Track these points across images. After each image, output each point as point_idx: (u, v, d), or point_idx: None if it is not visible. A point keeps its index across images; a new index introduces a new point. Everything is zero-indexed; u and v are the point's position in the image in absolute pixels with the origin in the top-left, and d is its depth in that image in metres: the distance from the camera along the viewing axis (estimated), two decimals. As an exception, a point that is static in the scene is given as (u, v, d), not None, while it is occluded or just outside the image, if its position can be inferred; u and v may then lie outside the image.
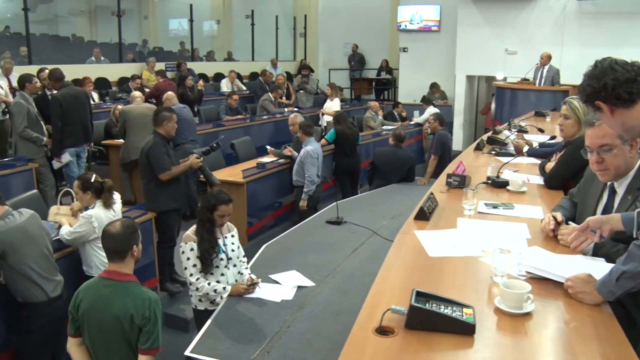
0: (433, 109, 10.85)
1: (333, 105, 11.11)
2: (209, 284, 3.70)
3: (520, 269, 2.18)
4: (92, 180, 4.33)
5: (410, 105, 12.85)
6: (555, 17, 11.93)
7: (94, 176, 4.38)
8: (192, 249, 3.72)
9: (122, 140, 7.46)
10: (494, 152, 4.81)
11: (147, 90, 9.83)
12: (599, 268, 2.05)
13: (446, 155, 7.96)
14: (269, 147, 7.63)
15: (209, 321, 3.35)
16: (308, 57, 17.53)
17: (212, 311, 3.54)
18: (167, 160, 5.22)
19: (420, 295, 1.83)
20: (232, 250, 3.89)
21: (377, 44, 16.36)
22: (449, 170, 3.87)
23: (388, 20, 15.91)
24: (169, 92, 7.82)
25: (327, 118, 10.81)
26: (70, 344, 3.08)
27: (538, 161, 4.17)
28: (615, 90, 1.91)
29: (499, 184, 3.59)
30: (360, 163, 8.27)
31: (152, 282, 5.13)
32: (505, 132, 5.72)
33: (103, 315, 2.95)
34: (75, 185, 4.43)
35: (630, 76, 1.91)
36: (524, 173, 3.92)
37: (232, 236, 3.96)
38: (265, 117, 10.42)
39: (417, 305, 1.77)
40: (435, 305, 1.81)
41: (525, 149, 4.71)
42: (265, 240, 4.99)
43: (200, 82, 10.56)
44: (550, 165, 3.70)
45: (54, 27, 17.67)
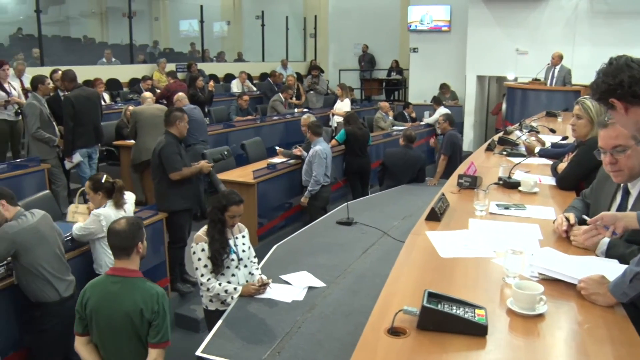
0: (443, 110, 10.83)
1: (343, 106, 11.10)
2: (219, 284, 3.71)
3: (533, 270, 2.16)
4: (103, 181, 4.36)
5: (420, 106, 12.79)
6: (566, 17, 11.86)
7: (105, 176, 4.41)
8: (203, 250, 3.73)
9: (133, 141, 7.48)
10: (505, 153, 4.79)
11: (158, 91, 9.87)
12: (612, 269, 2.03)
13: (456, 156, 7.93)
14: (278, 148, 7.64)
15: (219, 321, 3.37)
16: (318, 57, 17.52)
17: (223, 311, 3.56)
18: (179, 160, 5.24)
19: (432, 296, 1.83)
20: (243, 251, 3.89)
21: (388, 45, 16.34)
22: (460, 170, 3.85)
23: (398, 20, 15.88)
24: (179, 93, 7.87)
25: (338, 119, 10.80)
26: (78, 343, 3.10)
27: (549, 162, 4.15)
28: (632, 88, 1.89)
29: (510, 185, 3.57)
30: (370, 164, 8.26)
31: (163, 283, 5.14)
32: (517, 133, 5.69)
33: (112, 311, 2.98)
34: (86, 185, 4.49)
35: None
36: (535, 174, 3.90)
37: (243, 237, 3.96)
38: (275, 117, 10.42)
39: (429, 306, 1.77)
40: (448, 306, 1.80)
41: (537, 149, 4.69)
42: (275, 240, 5.00)
43: (210, 83, 10.59)
44: (562, 166, 3.68)
45: (65, 28, 17.81)
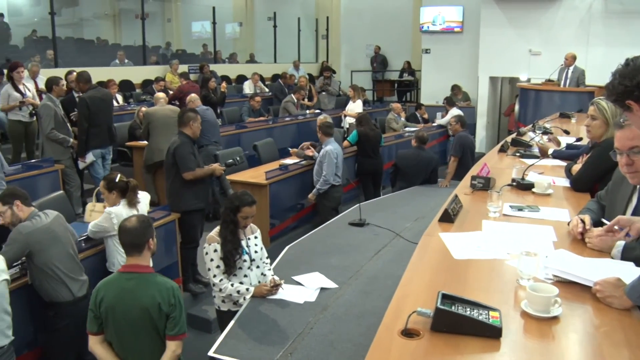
0: (456, 111, 10.78)
1: (355, 107, 11.08)
2: (232, 285, 3.72)
3: (547, 272, 2.15)
4: (117, 180, 4.41)
5: (432, 107, 12.74)
6: (580, 17, 11.76)
7: (119, 176, 4.46)
8: (215, 250, 3.74)
9: (145, 142, 7.53)
10: (518, 154, 4.77)
11: (171, 92, 9.90)
12: (628, 272, 2.01)
13: (467, 157, 7.89)
14: (291, 149, 7.65)
15: (232, 322, 3.37)
16: (330, 58, 17.52)
17: (235, 312, 3.56)
18: (193, 160, 5.26)
19: (446, 298, 1.82)
20: (255, 252, 3.90)
21: (400, 46, 16.29)
22: (473, 172, 3.84)
23: (410, 21, 15.84)
24: (192, 94, 7.89)
25: (350, 120, 10.81)
26: (93, 342, 3.12)
27: (563, 163, 4.11)
28: None
29: (524, 186, 3.55)
30: (382, 165, 8.25)
31: (176, 283, 5.15)
32: (530, 134, 5.65)
33: (130, 307, 3.02)
34: (100, 185, 4.54)
35: None
36: (549, 175, 3.88)
37: (256, 237, 3.97)
38: (287, 118, 10.44)
39: (443, 307, 1.76)
40: (462, 307, 1.79)
41: (551, 151, 4.65)
42: (287, 241, 5.00)
43: (223, 84, 10.61)
44: (576, 167, 3.65)
45: (79, 30, 17.98)
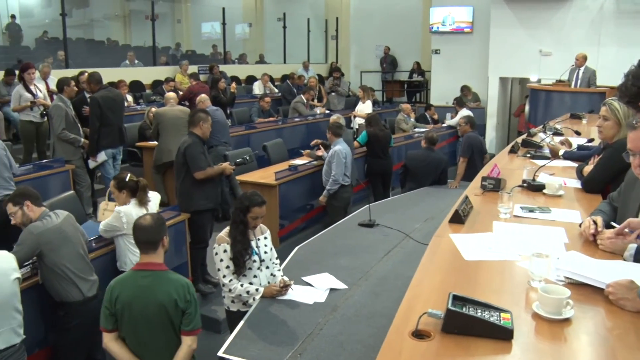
0: (466, 112, 10.73)
1: (365, 108, 11.08)
2: (241, 285, 3.72)
3: (559, 274, 2.13)
4: (127, 180, 4.43)
5: (442, 108, 12.72)
6: (591, 17, 11.67)
7: (129, 175, 4.48)
8: (225, 251, 3.74)
9: (155, 143, 7.55)
10: (529, 155, 4.75)
11: (181, 92, 9.94)
12: (641, 274, 2.00)
13: (476, 158, 7.86)
14: (304, 152, 7.69)
15: (241, 322, 3.37)
16: (340, 59, 17.52)
17: (245, 312, 3.56)
18: (203, 159, 5.28)
19: (457, 299, 1.81)
20: (265, 252, 3.90)
21: (409, 46, 16.26)
22: (484, 173, 3.82)
23: (420, 22, 15.81)
24: (202, 95, 7.91)
25: (359, 120, 10.80)
26: (108, 339, 3.13)
27: (574, 164, 4.09)
28: None
29: (535, 188, 3.54)
30: (392, 165, 8.24)
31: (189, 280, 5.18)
32: (540, 135, 5.62)
33: (147, 303, 3.05)
34: (111, 184, 4.58)
35: None
36: (560, 176, 3.85)
37: (265, 238, 3.97)
38: (297, 119, 10.45)
39: (454, 309, 1.75)
40: (473, 309, 1.78)
41: (562, 152, 4.63)
42: (297, 242, 5.00)
43: (232, 85, 10.63)
44: (588, 168, 3.63)
45: (89, 31, 18.10)
